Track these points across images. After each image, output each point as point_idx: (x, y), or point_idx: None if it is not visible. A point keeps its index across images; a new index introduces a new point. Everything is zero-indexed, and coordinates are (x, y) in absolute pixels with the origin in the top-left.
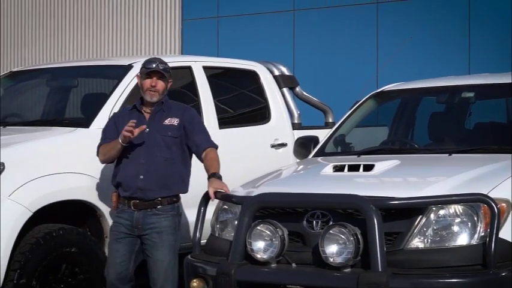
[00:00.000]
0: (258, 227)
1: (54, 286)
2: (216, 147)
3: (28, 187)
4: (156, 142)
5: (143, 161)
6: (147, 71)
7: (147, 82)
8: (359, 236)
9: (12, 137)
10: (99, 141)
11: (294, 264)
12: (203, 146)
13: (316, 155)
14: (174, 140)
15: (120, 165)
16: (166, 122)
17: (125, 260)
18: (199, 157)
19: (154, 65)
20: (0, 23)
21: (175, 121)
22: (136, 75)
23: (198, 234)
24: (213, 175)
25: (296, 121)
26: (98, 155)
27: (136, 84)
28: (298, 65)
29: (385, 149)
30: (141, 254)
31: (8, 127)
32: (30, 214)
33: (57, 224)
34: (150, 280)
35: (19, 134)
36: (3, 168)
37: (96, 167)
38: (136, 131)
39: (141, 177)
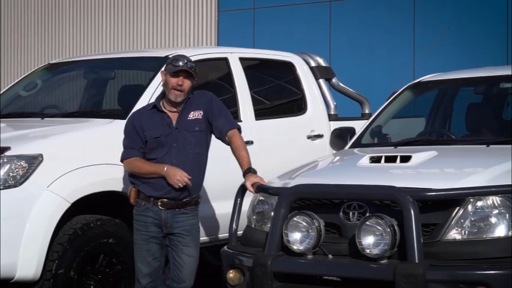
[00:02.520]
0: (295, 218)
1: (92, 276)
2: (238, 127)
3: (66, 178)
4: (186, 140)
5: (175, 161)
6: (174, 69)
7: (173, 80)
8: (396, 228)
9: (51, 128)
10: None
11: (330, 256)
12: (225, 129)
13: (353, 146)
14: (202, 134)
15: None
16: (191, 116)
17: (158, 257)
18: (223, 141)
19: (181, 63)
20: (40, 12)
21: (199, 114)
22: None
23: (234, 225)
24: (249, 170)
25: (332, 112)
26: (123, 162)
27: None
28: (334, 56)
29: (422, 140)
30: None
31: (46, 119)
32: (68, 205)
33: (95, 215)
34: (173, 275)
35: (57, 126)
36: (42, 160)
37: None
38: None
39: None
